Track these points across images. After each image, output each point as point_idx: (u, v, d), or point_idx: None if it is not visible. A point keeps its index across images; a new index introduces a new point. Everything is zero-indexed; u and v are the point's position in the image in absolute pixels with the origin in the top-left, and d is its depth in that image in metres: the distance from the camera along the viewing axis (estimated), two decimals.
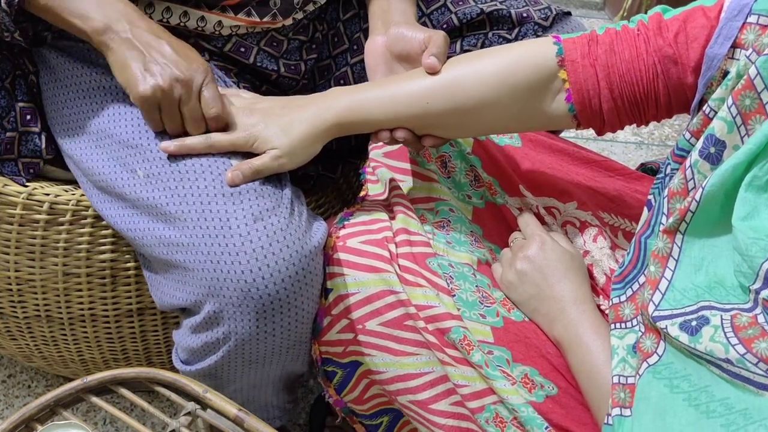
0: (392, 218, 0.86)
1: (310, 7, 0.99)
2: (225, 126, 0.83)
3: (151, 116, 0.82)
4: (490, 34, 1.04)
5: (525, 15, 1.04)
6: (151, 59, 0.80)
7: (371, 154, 0.97)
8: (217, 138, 0.82)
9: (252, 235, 0.77)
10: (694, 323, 0.65)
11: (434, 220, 0.91)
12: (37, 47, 0.93)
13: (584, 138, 1.98)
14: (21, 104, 0.94)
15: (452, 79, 0.83)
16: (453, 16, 1.03)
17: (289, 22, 0.97)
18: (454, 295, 0.82)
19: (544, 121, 0.84)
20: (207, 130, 0.83)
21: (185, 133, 0.83)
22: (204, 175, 0.80)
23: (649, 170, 1.04)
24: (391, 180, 0.92)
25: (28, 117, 0.94)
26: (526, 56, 0.82)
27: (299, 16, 0.98)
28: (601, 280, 0.89)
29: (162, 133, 0.84)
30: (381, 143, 0.91)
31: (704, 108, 0.71)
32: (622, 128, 0.83)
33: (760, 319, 0.61)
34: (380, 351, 0.81)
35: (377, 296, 0.80)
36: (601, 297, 0.87)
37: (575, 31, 1.07)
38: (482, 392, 0.79)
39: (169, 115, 0.81)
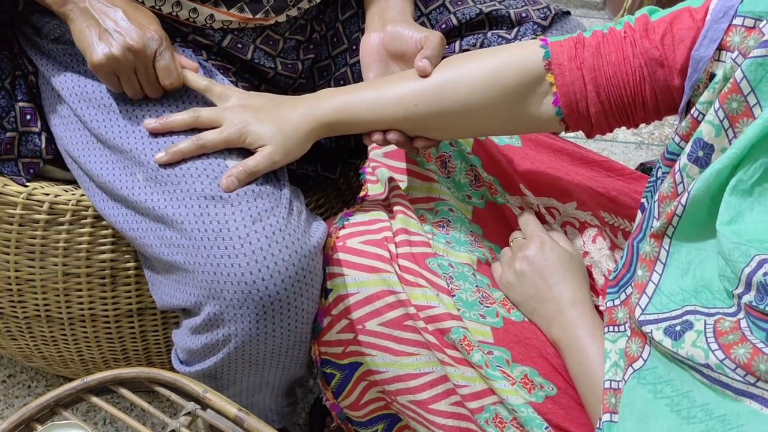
0: (392, 218, 0.86)
1: (305, 5, 0.98)
2: (216, 123, 0.84)
3: (109, 82, 0.85)
4: (489, 34, 1.04)
5: (524, 15, 1.04)
6: (105, 27, 0.82)
7: (371, 154, 0.97)
8: (208, 138, 0.82)
9: (251, 236, 0.77)
10: (678, 328, 0.65)
11: (434, 220, 0.91)
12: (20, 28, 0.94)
13: (584, 138, 1.98)
14: (21, 104, 0.94)
15: (440, 83, 0.83)
16: (452, 16, 1.03)
17: (282, 19, 0.97)
18: (453, 296, 0.82)
19: (532, 124, 0.84)
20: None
21: (147, 99, 0.86)
22: (201, 178, 0.80)
23: (648, 170, 1.04)
24: (391, 180, 0.92)
25: (28, 117, 0.94)
26: (513, 60, 0.82)
27: (293, 13, 0.98)
28: (600, 281, 0.89)
29: (157, 137, 0.84)
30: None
31: (692, 111, 0.70)
32: (611, 131, 0.83)
33: (743, 324, 0.60)
34: (380, 351, 0.81)
35: (377, 296, 0.80)
36: (600, 298, 0.87)
37: (574, 30, 1.07)
38: (482, 393, 0.79)
39: (126, 81, 0.84)
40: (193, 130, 0.84)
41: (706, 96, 0.69)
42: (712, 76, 0.70)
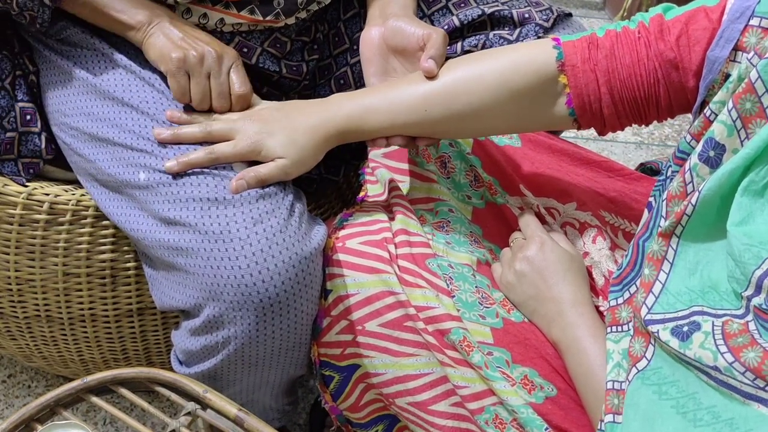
0: (391, 219, 0.86)
1: (314, 7, 0.98)
2: (228, 136, 0.83)
3: (179, 82, 0.85)
4: (491, 35, 1.03)
5: (526, 16, 1.04)
6: (186, 39, 0.86)
7: (370, 155, 0.97)
8: (222, 151, 0.81)
9: (251, 238, 0.76)
10: (685, 329, 0.65)
11: (434, 220, 0.91)
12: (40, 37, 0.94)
13: (584, 138, 1.98)
14: (21, 104, 0.94)
15: (450, 86, 0.83)
16: (454, 17, 1.03)
17: (292, 21, 0.97)
18: (453, 296, 0.82)
19: (543, 122, 0.84)
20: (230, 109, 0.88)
21: (208, 109, 0.87)
22: (206, 180, 0.80)
23: (648, 170, 1.04)
24: (391, 180, 0.92)
25: (28, 117, 0.94)
26: (525, 60, 0.81)
27: (303, 15, 0.98)
28: (600, 281, 0.89)
29: (166, 145, 0.84)
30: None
31: (705, 111, 0.70)
32: (623, 129, 0.83)
33: (751, 326, 0.60)
34: (380, 352, 0.81)
35: (377, 297, 0.80)
36: (600, 298, 0.87)
37: (576, 32, 1.06)
38: (482, 393, 0.79)
39: (197, 84, 0.85)
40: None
41: (720, 96, 0.69)
42: (727, 76, 0.70)
